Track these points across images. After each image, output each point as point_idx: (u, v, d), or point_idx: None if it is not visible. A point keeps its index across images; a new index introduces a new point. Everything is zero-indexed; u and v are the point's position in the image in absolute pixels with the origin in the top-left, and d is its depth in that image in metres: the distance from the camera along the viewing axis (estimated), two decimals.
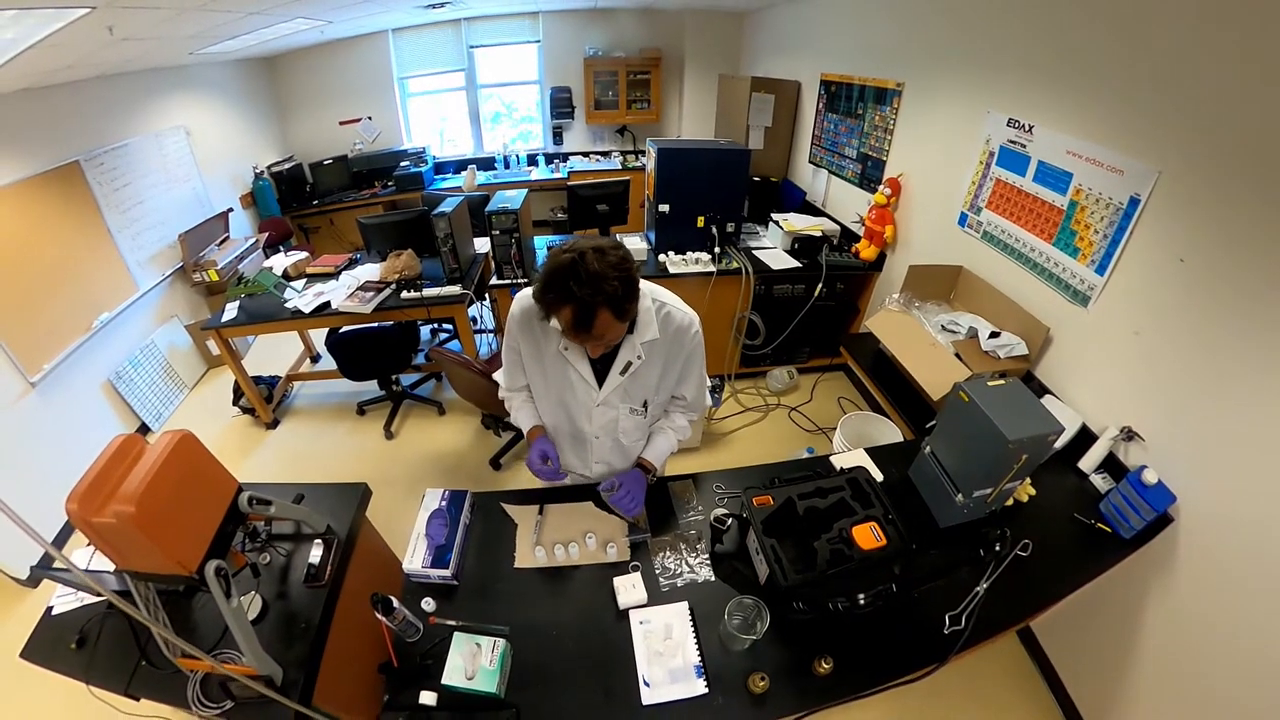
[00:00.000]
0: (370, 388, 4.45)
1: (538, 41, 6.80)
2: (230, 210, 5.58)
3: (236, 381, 4.23)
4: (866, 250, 3.96)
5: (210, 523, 1.51)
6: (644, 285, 1.67)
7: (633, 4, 6.31)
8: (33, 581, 3.27)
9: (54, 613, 1.86)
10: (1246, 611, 1.87)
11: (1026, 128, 2.75)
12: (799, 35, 5.15)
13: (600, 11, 6.57)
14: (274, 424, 4.42)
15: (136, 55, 4.08)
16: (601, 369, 1.79)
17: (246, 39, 4.76)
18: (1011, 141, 2.84)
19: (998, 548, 1.84)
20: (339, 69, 6.55)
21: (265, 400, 4.36)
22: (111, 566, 1.86)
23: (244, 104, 6.13)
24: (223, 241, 5.33)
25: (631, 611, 1.73)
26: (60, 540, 3.53)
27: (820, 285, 3.96)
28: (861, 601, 1.61)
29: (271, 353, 5.11)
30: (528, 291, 1.72)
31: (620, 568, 1.85)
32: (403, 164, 6.60)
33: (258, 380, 4.38)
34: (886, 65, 3.87)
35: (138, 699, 1.68)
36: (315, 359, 5.23)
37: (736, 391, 4.51)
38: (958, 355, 2.73)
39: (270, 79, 6.50)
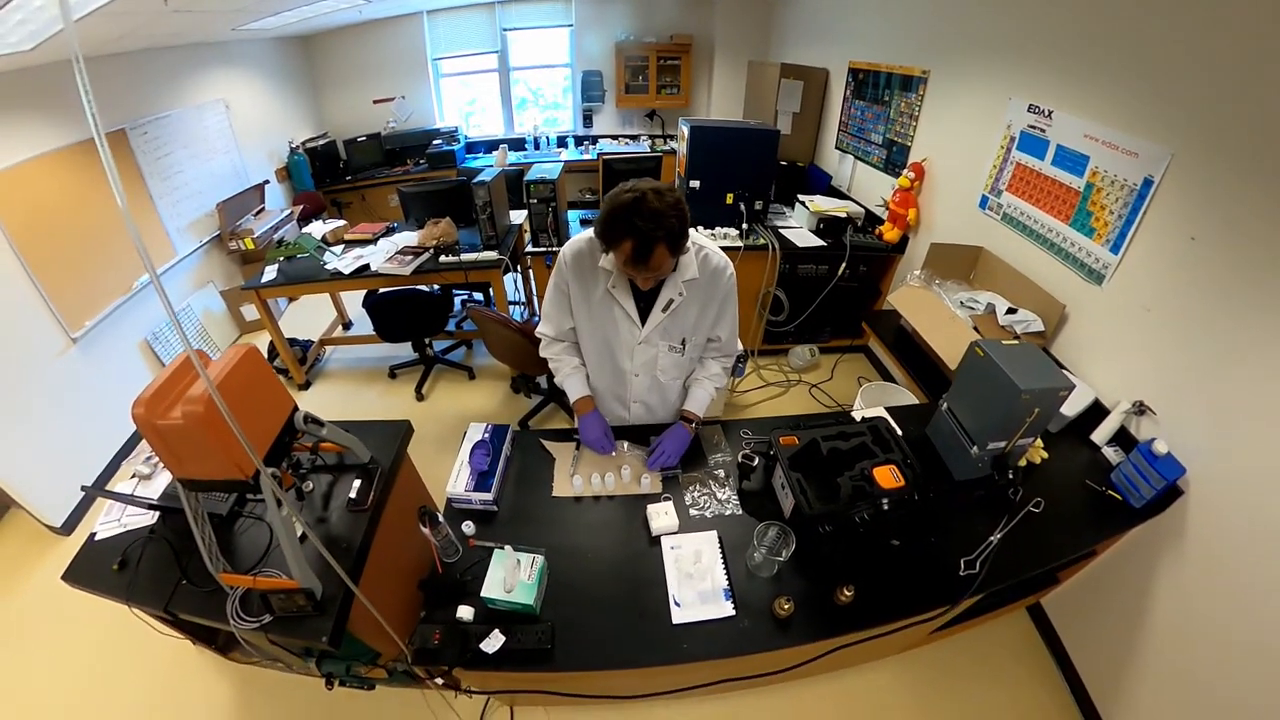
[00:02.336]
0: (402, 352, 4.59)
1: (570, 25, 6.90)
2: (266, 182, 5.73)
3: (271, 343, 4.37)
4: (890, 233, 4.03)
5: (268, 432, 1.59)
6: None
7: None
8: (67, 529, 3.43)
9: (97, 539, 1.94)
10: (1255, 585, 1.89)
11: (1046, 113, 2.82)
12: (828, 23, 5.22)
13: None
14: (306, 385, 4.57)
15: (183, 29, 4.23)
16: (644, 309, 1.92)
17: (288, 16, 4.88)
18: (1032, 126, 2.92)
19: (1011, 474, 1.95)
20: (373, 49, 6.68)
21: (299, 362, 4.50)
22: (156, 494, 2.00)
23: (281, 80, 6.28)
24: (258, 212, 5.47)
25: (663, 538, 1.84)
26: (104, 479, 3.70)
27: (844, 265, 4.04)
28: (885, 506, 1.68)
29: (304, 319, 5.27)
30: (580, 236, 1.88)
31: (653, 499, 1.97)
32: (435, 143, 6.72)
33: (292, 343, 4.52)
34: (913, 53, 3.94)
35: (176, 617, 1.77)
36: (348, 326, 5.37)
37: (759, 367, 4.61)
38: (975, 329, 2.81)
39: (306, 57, 6.65)
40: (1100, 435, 2.36)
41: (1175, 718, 2.16)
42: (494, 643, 1.55)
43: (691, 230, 1.85)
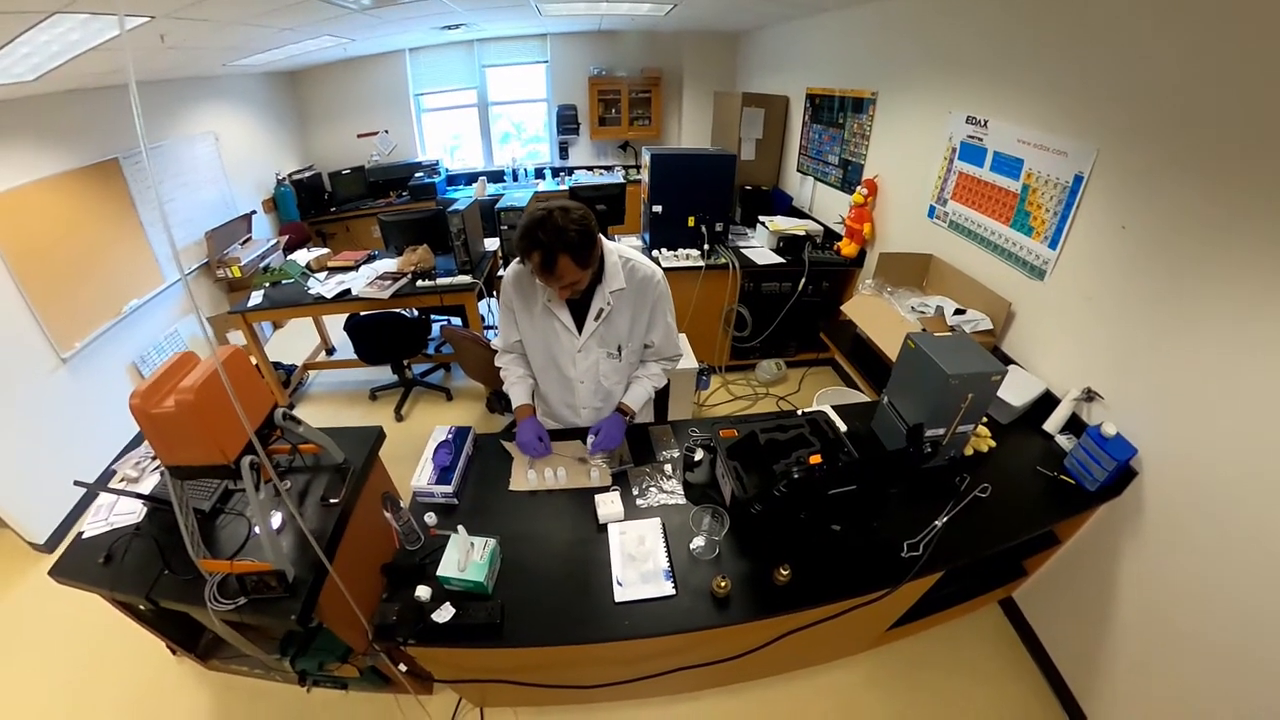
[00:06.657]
0: (383, 375, 4.72)
1: (545, 61, 7.18)
2: (253, 213, 5.91)
3: (257, 365, 4.48)
4: (847, 248, 4.21)
5: (251, 424, 1.71)
6: (611, 244, 2.05)
7: (635, 26, 6.63)
8: (50, 546, 3.50)
9: (84, 536, 2.06)
10: (1208, 554, 1.95)
11: (983, 123, 3.02)
12: (787, 53, 5.48)
13: (604, 34, 6.93)
14: (290, 407, 4.61)
15: (177, 64, 4.40)
16: (580, 320, 2.11)
17: (275, 53, 5.09)
18: (970, 136, 3.11)
19: (930, 448, 2.04)
20: (358, 84, 6.92)
21: (283, 385, 4.62)
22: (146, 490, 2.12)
23: (269, 114, 6.50)
24: (245, 241, 5.63)
25: (610, 525, 1.97)
26: (90, 494, 3.72)
27: (804, 280, 4.21)
28: (796, 475, 1.79)
29: (288, 345, 5.40)
30: (518, 259, 2.05)
31: (601, 490, 2.10)
32: (417, 175, 6.92)
33: (276, 367, 4.64)
34: (862, 77, 4.18)
35: (157, 604, 1.87)
36: (330, 351, 5.49)
37: (727, 382, 4.74)
38: (924, 331, 2.95)
39: (293, 92, 6.88)
40: (1052, 424, 2.44)
41: (1150, 701, 2.19)
42: (445, 614, 1.67)
43: (621, 245, 2.09)
